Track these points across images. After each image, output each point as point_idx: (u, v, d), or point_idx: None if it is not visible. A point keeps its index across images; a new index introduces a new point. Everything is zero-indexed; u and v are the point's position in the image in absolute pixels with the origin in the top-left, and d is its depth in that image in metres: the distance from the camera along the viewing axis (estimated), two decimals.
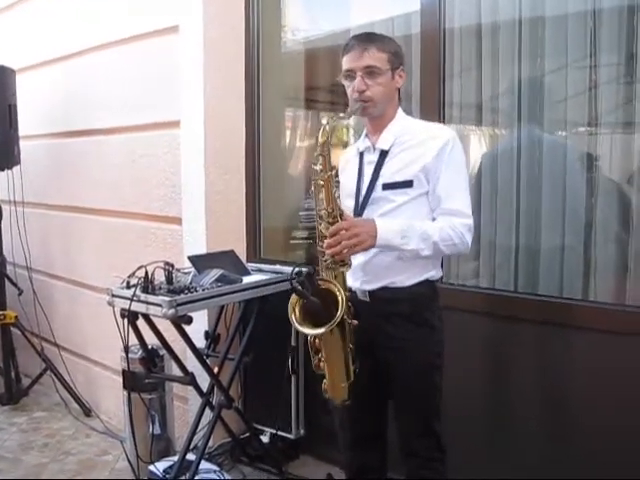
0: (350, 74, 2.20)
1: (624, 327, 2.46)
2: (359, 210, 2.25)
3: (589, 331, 2.54)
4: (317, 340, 2.17)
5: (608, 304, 2.58)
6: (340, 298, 2.06)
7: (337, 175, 2.23)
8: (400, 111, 2.32)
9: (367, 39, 2.19)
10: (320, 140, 2.07)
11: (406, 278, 2.23)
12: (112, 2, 3.91)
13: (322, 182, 2.08)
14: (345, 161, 2.44)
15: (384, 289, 2.24)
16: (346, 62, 2.21)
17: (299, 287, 2.08)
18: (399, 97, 2.32)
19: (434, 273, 2.28)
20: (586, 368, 2.56)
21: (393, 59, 2.20)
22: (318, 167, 2.08)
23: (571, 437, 2.61)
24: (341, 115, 2.21)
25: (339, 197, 2.13)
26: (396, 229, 2.10)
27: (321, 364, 2.22)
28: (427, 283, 2.26)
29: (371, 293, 2.26)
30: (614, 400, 2.48)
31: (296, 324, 2.10)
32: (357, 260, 2.24)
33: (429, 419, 2.31)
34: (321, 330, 2.06)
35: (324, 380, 2.24)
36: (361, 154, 2.33)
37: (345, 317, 2.09)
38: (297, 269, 2.15)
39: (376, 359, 2.27)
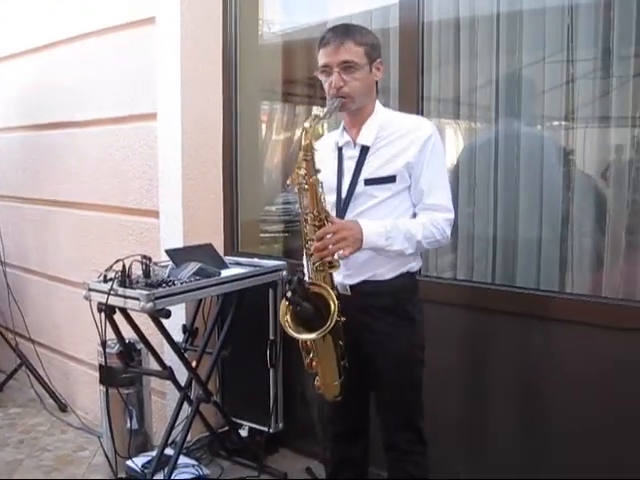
0: (326, 69, 2.16)
1: (600, 319, 2.48)
2: (342, 207, 2.23)
3: (566, 323, 2.56)
4: (308, 341, 2.16)
5: (585, 296, 2.61)
6: (332, 303, 2.04)
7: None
8: (378, 104, 2.30)
9: (343, 33, 2.15)
10: (303, 143, 2.05)
11: (387, 271, 2.23)
12: None
13: (307, 186, 2.06)
14: (322, 154, 2.35)
15: (365, 282, 2.24)
16: (322, 56, 2.17)
17: (293, 296, 2.06)
18: (377, 89, 2.30)
19: (414, 264, 2.29)
20: (564, 360, 2.58)
21: (370, 52, 2.17)
22: (302, 171, 2.06)
23: (549, 428, 2.63)
24: (321, 116, 2.14)
25: (324, 200, 2.10)
26: (381, 231, 2.10)
27: (313, 364, 2.20)
28: (408, 275, 2.27)
29: (352, 287, 2.25)
30: (592, 391, 2.50)
31: (290, 330, 2.08)
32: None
33: (411, 412, 2.32)
34: (314, 335, 2.05)
35: (316, 378, 2.23)
36: (340, 149, 2.30)
37: (337, 318, 2.08)
38: (288, 277, 2.13)
39: (358, 353, 2.26)
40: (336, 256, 2.07)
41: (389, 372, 2.28)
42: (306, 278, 2.18)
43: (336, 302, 2.05)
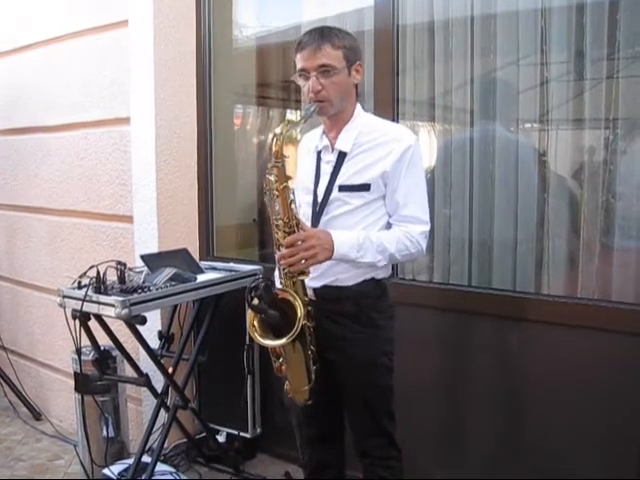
0: (304, 74, 2.13)
1: (576, 320, 2.51)
2: (317, 211, 2.21)
3: (543, 324, 2.58)
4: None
5: (560, 297, 2.62)
6: (299, 309, 2.03)
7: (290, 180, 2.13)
8: (359, 108, 2.26)
9: (320, 36, 2.11)
10: (274, 149, 2.02)
11: (350, 277, 2.20)
12: None
13: (277, 192, 2.03)
14: (303, 153, 2.38)
15: (328, 287, 2.20)
16: (299, 60, 2.14)
17: (256, 304, 2.05)
18: (357, 92, 2.27)
19: (380, 272, 2.24)
20: (540, 361, 2.60)
21: (349, 55, 2.13)
22: (273, 178, 2.03)
23: (526, 430, 2.65)
24: (295, 121, 2.11)
25: (295, 206, 2.08)
26: (352, 242, 2.08)
27: (282, 367, 2.20)
28: (373, 282, 2.23)
29: (316, 292, 2.22)
30: (568, 392, 2.52)
31: (256, 336, 2.07)
32: None
33: (379, 418, 2.30)
34: (281, 341, 2.04)
35: (286, 382, 2.23)
36: (319, 152, 2.28)
37: (305, 322, 2.07)
38: (253, 284, 2.09)
39: (323, 358, 2.23)
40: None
41: (353, 379, 2.26)
42: (277, 284, 2.17)
43: (302, 308, 2.03)
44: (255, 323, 2.09)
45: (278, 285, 2.17)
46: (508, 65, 2.78)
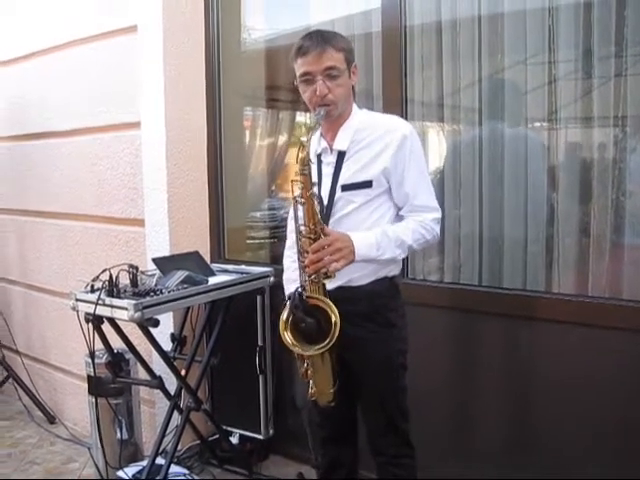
0: (308, 77, 2.14)
1: (587, 318, 2.50)
2: (325, 213, 2.21)
3: (553, 323, 2.58)
4: None
5: (571, 295, 2.62)
6: (333, 315, 2.02)
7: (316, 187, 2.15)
8: (355, 107, 2.29)
9: (322, 39, 2.12)
10: (300, 156, 2.02)
11: (362, 276, 2.21)
12: (69, 2, 3.84)
13: (304, 200, 2.03)
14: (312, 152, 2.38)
15: (342, 289, 2.20)
16: (302, 65, 2.14)
17: (298, 313, 2.06)
18: (354, 93, 2.30)
19: (393, 267, 2.27)
20: (551, 359, 2.60)
21: (348, 57, 2.17)
22: (299, 185, 2.03)
23: (538, 429, 2.65)
24: (312, 126, 2.12)
25: (319, 212, 2.08)
26: (371, 242, 2.10)
27: (308, 373, 2.17)
28: (386, 280, 2.25)
29: (330, 293, 2.19)
30: (579, 391, 2.52)
31: (293, 347, 2.08)
32: None
33: (394, 417, 2.31)
34: (322, 348, 2.03)
35: (310, 386, 2.20)
36: (318, 155, 2.29)
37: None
38: (288, 295, 2.11)
39: (340, 358, 2.22)
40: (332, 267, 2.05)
41: (370, 378, 2.28)
42: (291, 289, 2.18)
43: (337, 314, 2.02)
44: (288, 333, 2.08)
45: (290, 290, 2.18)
46: (516, 64, 2.78)
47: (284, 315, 2.10)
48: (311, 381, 2.17)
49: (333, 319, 2.02)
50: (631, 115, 2.53)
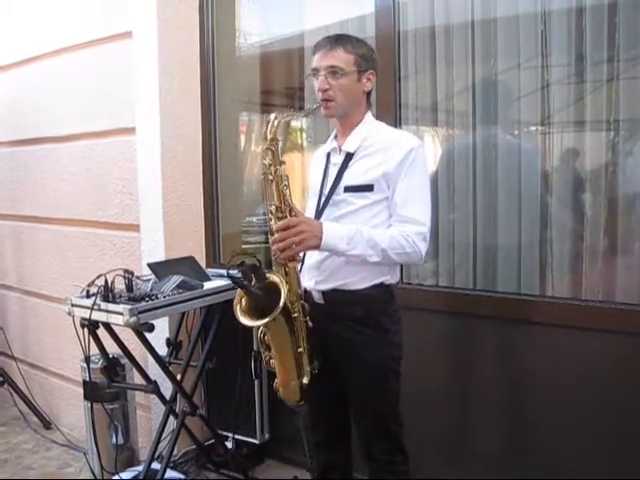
0: (315, 72, 2.22)
1: (581, 321, 2.51)
2: (319, 210, 2.25)
3: (547, 326, 2.59)
4: (266, 336, 2.18)
5: (565, 299, 2.64)
6: (282, 287, 2.04)
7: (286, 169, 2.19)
8: (369, 115, 2.32)
9: (336, 40, 2.20)
10: (269, 136, 2.08)
11: (359, 280, 2.21)
12: (64, 8, 3.85)
13: (271, 177, 2.08)
14: (315, 161, 2.45)
15: (337, 291, 2.22)
16: (314, 61, 2.23)
17: (239, 278, 2.06)
18: (368, 100, 2.32)
19: (389, 277, 2.26)
20: (546, 363, 2.61)
21: (360, 61, 2.20)
22: (267, 161, 2.09)
23: (533, 432, 2.66)
24: (295, 113, 2.23)
25: (289, 192, 2.11)
26: (343, 234, 2.10)
27: (271, 361, 2.22)
28: (382, 287, 2.25)
29: (325, 294, 2.25)
30: (574, 394, 2.53)
31: (239, 316, 2.09)
32: (313, 259, 2.25)
33: (385, 422, 2.32)
34: (263, 320, 2.04)
35: (275, 379, 2.25)
36: (328, 154, 2.33)
37: (295, 309, 2.11)
38: (239, 261, 2.12)
39: (327, 359, 2.26)
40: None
41: (361, 382, 2.28)
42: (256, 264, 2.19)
43: (285, 286, 2.05)
44: (241, 304, 2.10)
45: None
46: (509, 69, 2.80)
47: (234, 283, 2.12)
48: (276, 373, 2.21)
49: (282, 288, 2.04)
50: (624, 119, 2.54)
